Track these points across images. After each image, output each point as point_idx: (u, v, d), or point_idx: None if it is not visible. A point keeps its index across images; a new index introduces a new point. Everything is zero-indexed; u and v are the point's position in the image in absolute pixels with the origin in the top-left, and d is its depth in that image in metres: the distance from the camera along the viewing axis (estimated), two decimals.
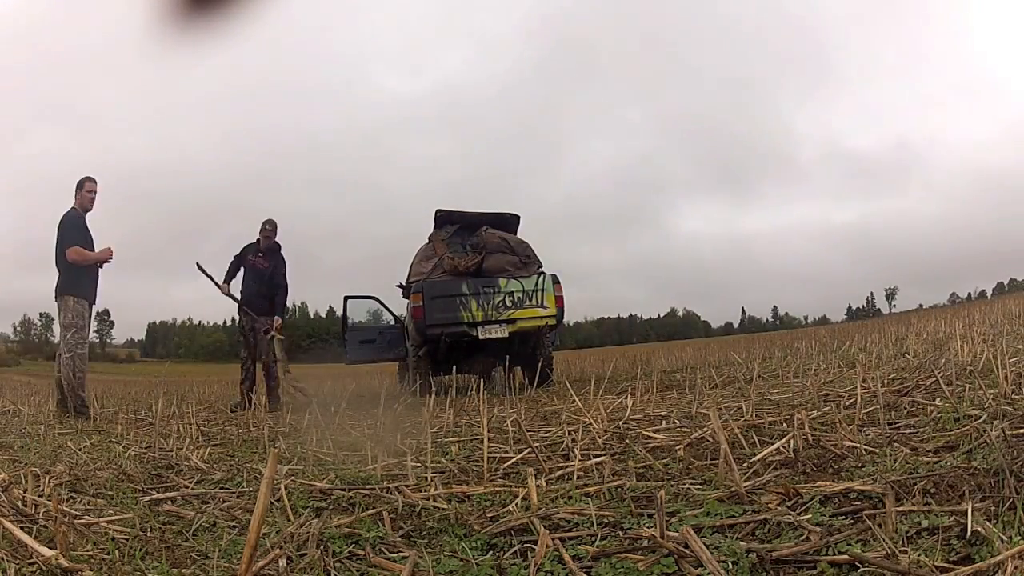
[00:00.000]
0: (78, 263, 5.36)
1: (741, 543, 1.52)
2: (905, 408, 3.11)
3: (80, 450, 3.42)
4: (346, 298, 8.75)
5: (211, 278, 6.37)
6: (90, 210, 5.54)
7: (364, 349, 8.73)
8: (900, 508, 1.60)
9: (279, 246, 6.64)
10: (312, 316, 75.92)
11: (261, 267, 6.44)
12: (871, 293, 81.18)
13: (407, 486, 2.30)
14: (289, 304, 7.17)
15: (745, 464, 2.34)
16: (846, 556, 1.38)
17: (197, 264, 6.30)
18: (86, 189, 5.53)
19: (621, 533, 1.72)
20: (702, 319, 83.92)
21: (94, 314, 5.73)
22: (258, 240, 6.57)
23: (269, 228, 6.53)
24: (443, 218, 7.99)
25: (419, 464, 2.65)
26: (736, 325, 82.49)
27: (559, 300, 7.39)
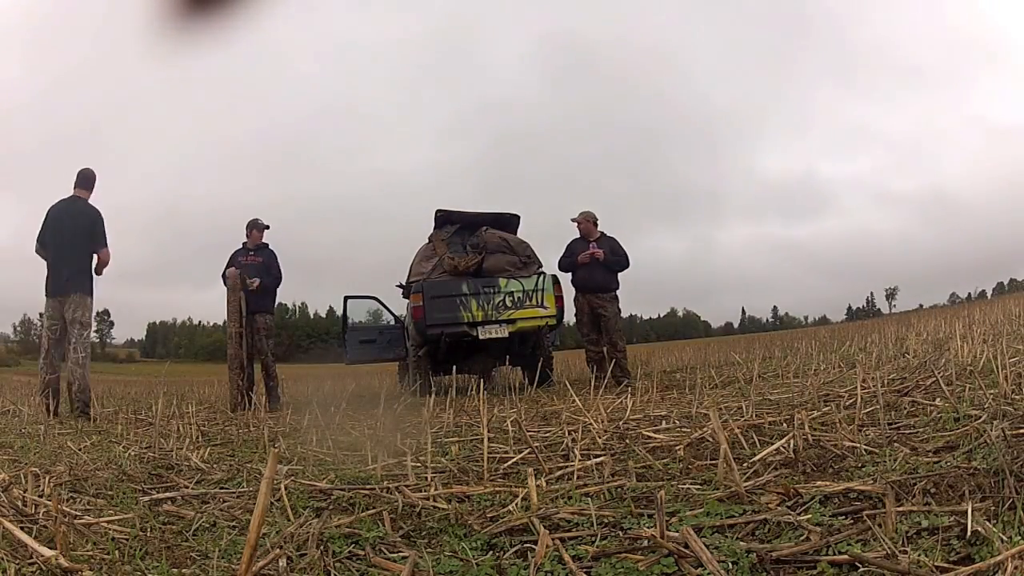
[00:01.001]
0: (104, 266, 5.30)
1: (741, 543, 1.52)
2: (905, 408, 3.11)
3: (80, 450, 3.42)
4: (346, 298, 8.75)
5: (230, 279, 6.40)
6: None
7: (364, 349, 8.73)
8: (900, 508, 1.60)
9: (266, 243, 6.75)
10: (312, 316, 76.08)
11: (255, 263, 6.51)
12: (871, 293, 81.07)
13: (407, 486, 2.30)
14: (289, 304, 7.38)
15: (745, 464, 2.34)
16: (846, 556, 1.38)
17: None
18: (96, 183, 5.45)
19: (621, 533, 1.72)
20: (702, 319, 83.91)
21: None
22: (244, 243, 6.71)
23: (255, 227, 6.69)
24: (443, 218, 7.99)
25: (419, 464, 2.65)
26: (736, 325, 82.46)
27: (559, 300, 7.39)
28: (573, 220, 7.00)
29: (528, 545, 1.67)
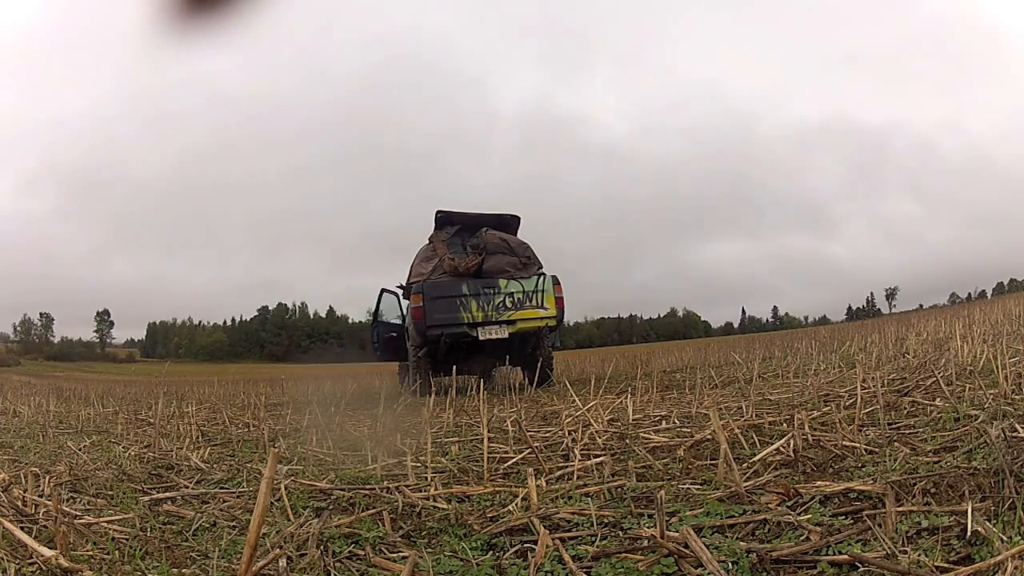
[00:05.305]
0: None
1: (741, 543, 1.52)
2: (905, 408, 3.11)
3: (80, 450, 3.43)
4: (383, 291, 8.58)
5: None
6: None
7: (391, 347, 8.58)
8: (900, 508, 1.60)
9: None
10: (312, 316, 76.12)
11: None
12: (871, 293, 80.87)
13: (407, 486, 2.30)
14: (289, 304, 7.89)
15: (745, 464, 2.34)
16: (846, 556, 1.38)
17: None
18: None
19: (621, 533, 1.72)
20: (702, 319, 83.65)
21: None
22: None
23: None
24: (443, 219, 7.99)
25: (419, 464, 2.65)
26: (736, 325, 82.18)
27: (559, 301, 7.39)
28: None
29: (528, 545, 1.67)
